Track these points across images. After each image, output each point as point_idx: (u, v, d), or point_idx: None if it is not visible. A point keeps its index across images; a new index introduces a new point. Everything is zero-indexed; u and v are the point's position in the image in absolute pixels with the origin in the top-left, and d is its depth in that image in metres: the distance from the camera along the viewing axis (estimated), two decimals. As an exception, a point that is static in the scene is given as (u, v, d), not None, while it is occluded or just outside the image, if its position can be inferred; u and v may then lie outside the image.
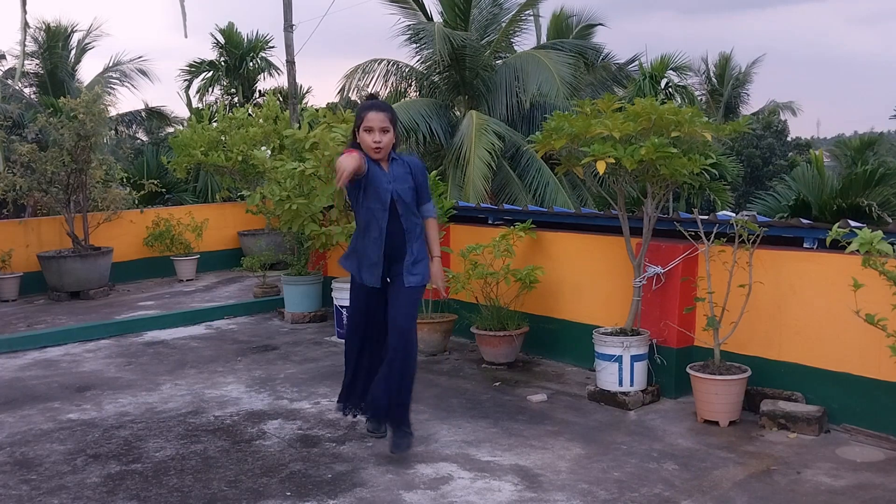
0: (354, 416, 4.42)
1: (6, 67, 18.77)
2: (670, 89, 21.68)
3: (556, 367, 5.88)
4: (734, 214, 5.11)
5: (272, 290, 8.67)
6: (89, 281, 9.26)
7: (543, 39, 19.64)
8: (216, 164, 10.48)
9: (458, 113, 15.67)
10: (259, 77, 20.97)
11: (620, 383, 4.91)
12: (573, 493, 3.68)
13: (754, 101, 33.96)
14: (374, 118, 3.95)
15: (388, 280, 4.12)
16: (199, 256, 10.60)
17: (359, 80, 15.78)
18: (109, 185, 10.02)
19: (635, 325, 5.09)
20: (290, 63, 11.71)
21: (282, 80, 20.61)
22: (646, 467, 3.96)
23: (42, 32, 18.34)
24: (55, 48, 18.58)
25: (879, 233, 3.52)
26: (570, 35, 19.68)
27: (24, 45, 15.80)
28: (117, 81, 19.58)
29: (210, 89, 20.78)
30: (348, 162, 3.69)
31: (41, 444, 4.47)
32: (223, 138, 10.70)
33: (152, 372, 6.02)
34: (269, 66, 20.83)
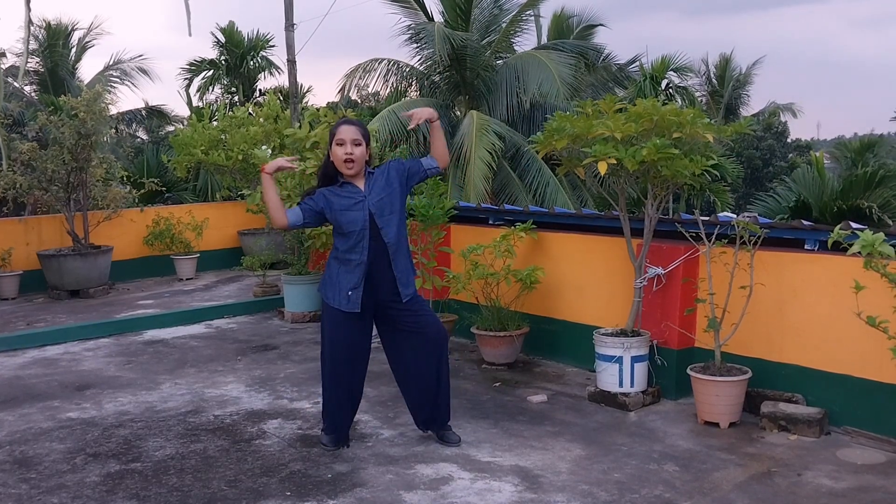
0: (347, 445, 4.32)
1: (6, 66, 18.77)
2: (671, 90, 21.67)
3: (556, 368, 5.88)
4: (735, 216, 5.10)
5: (272, 289, 8.66)
6: (89, 279, 9.26)
7: (544, 40, 19.66)
8: (217, 164, 10.46)
9: (458, 113, 15.66)
10: (260, 76, 20.93)
11: (621, 384, 4.91)
12: (573, 494, 3.67)
13: (755, 103, 33.94)
14: (346, 131, 3.99)
15: (378, 309, 4.13)
16: (199, 255, 10.59)
17: (359, 79, 15.79)
18: (110, 183, 10.01)
19: (636, 326, 5.08)
20: (291, 62, 11.69)
21: (282, 80, 20.64)
22: (646, 468, 3.96)
23: (42, 30, 18.34)
24: (55, 46, 18.59)
25: (881, 235, 3.52)
26: (571, 36, 19.68)
27: (28, 43, 15.78)
28: (118, 80, 19.62)
29: (210, 88, 20.75)
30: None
31: (41, 443, 4.46)
32: (224, 137, 10.69)
33: (152, 371, 6.02)
34: (270, 66, 20.80)
